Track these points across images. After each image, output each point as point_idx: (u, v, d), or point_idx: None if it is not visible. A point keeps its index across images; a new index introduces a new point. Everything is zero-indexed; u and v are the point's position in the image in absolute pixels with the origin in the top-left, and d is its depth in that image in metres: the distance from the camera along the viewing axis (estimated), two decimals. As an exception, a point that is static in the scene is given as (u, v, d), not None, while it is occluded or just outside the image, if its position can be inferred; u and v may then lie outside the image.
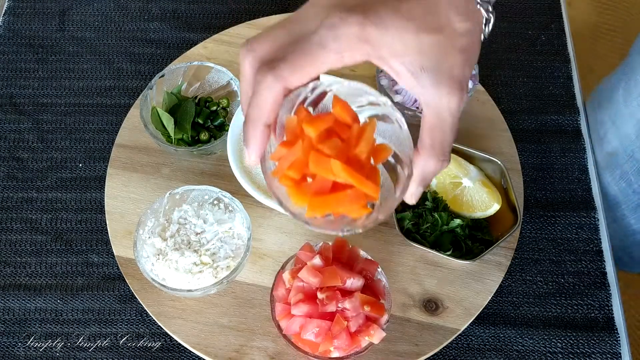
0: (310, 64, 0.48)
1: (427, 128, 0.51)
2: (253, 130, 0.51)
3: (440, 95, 0.49)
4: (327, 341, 0.67)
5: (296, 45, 0.48)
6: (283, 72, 0.48)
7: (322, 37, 0.48)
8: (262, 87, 0.49)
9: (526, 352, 0.79)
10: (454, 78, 0.49)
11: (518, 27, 1.04)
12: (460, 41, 0.50)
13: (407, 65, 0.49)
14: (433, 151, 0.51)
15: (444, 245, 0.79)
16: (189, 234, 0.76)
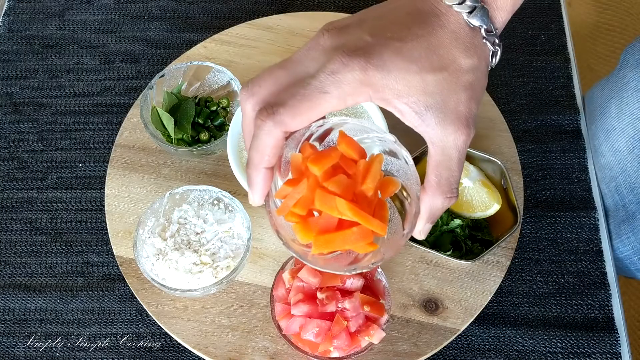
0: (311, 109, 0.48)
1: (433, 166, 0.51)
2: (255, 174, 0.52)
3: (446, 134, 0.50)
4: (326, 341, 0.67)
5: (297, 89, 0.49)
6: (283, 118, 0.48)
7: (323, 83, 0.48)
8: (262, 132, 0.49)
9: (526, 352, 0.79)
10: (460, 115, 0.49)
11: (518, 27, 1.04)
12: (465, 78, 0.50)
13: (411, 105, 0.49)
14: (440, 189, 0.52)
15: (444, 245, 0.79)
16: (189, 233, 0.76)
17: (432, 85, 0.49)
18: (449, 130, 0.50)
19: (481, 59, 0.51)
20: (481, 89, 0.52)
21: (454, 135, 0.50)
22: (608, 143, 0.90)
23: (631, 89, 0.86)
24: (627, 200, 0.90)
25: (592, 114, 0.95)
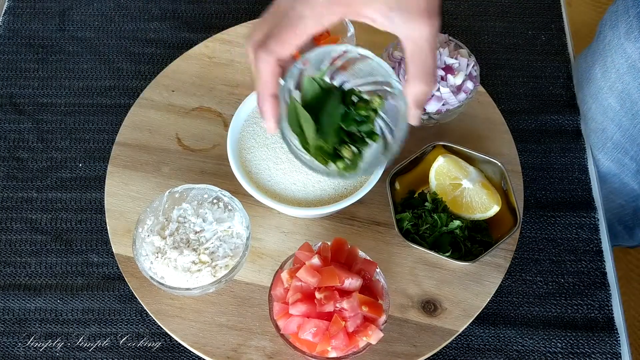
0: (295, 35, 0.57)
1: (409, 58, 0.59)
2: (264, 103, 0.61)
3: (412, 29, 0.57)
4: (324, 341, 0.67)
5: (280, 22, 0.58)
6: (272, 47, 0.58)
7: (298, 10, 0.57)
8: (259, 63, 0.59)
9: (526, 352, 0.79)
10: (421, 9, 0.56)
11: (518, 27, 1.04)
12: None
13: (378, 11, 0.56)
14: (418, 77, 0.59)
15: (443, 246, 0.79)
16: (188, 232, 0.76)
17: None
18: (415, 25, 0.57)
19: None
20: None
21: (419, 28, 0.57)
22: (597, 104, 0.92)
23: (613, 47, 0.88)
24: (634, 152, 0.92)
25: (579, 82, 0.96)
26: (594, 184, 0.90)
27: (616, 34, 0.88)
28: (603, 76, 0.90)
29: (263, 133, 0.83)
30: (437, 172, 0.82)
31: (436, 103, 0.84)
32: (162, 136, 0.90)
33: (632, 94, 0.88)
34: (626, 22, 0.86)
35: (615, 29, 0.88)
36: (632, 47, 0.85)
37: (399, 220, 0.80)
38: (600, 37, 0.92)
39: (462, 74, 0.85)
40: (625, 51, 0.86)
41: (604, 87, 0.91)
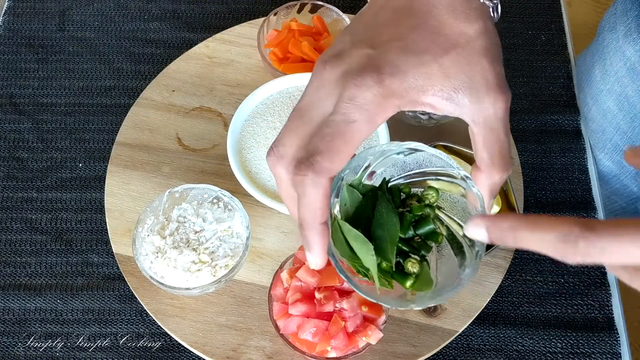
0: (346, 144, 0.46)
1: (481, 143, 0.49)
2: (312, 234, 0.48)
3: (483, 108, 0.47)
4: (324, 341, 0.67)
5: (323, 132, 0.46)
6: (323, 164, 0.46)
7: (346, 114, 0.45)
8: (307, 187, 0.47)
9: (526, 352, 0.79)
10: (489, 83, 0.47)
11: (518, 27, 1.04)
12: (479, 43, 0.48)
13: (439, 94, 0.47)
14: (494, 165, 0.49)
15: (443, 245, 0.79)
16: (188, 232, 0.76)
17: (451, 66, 0.46)
18: (486, 103, 0.47)
19: (486, 20, 0.49)
20: (497, 47, 0.49)
21: (492, 106, 0.47)
22: (597, 106, 0.92)
23: (612, 50, 0.88)
24: None
25: (579, 83, 0.96)
26: (594, 184, 0.90)
27: (614, 36, 0.88)
28: (602, 78, 0.90)
29: (263, 133, 0.83)
30: (437, 172, 0.82)
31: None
32: (162, 136, 0.90)
33: (631, 97, 0.88)
34: (625, 25, 0.85)
35: (614, 31, 0.88)
36: (630, 50, 0.85)
37: (398, 220, 0.80)
38: (599, 39, 0.92)
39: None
40: (624, 54, 0.86)
41: (603, 90, 0.91)
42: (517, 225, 0.41)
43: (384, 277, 0.52)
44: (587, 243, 0.38)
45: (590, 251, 0.38)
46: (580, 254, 0.39)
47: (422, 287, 0.51)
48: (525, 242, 0.41)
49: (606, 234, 0.38)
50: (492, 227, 0.43)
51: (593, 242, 0.38)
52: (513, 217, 0.42)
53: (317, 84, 0.48)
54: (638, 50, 0.84)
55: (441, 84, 0.46)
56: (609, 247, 0.38)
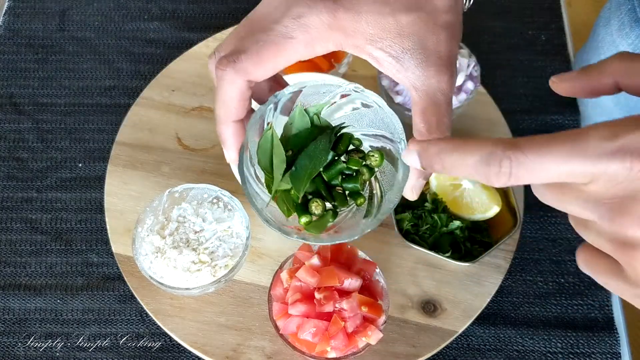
0: (276, 56, 0.45)
1: (419, 112, 0.47)
2: (224, 129, 0.49)
3: (428, 76, 0.46)
4: (324, 341, 0.67)
5: (259, 36, 0.45)
6: (245, 65, 0.45)
7: (288, 28, 0.45)
8: (224, 82, 0.46)
9: (526, 352, 0.79)
10: (441, 56, 0.46)
11: (518, 27, 1.04)
12: (444, 17, 0.46)
13: (387, 49, 0.45)
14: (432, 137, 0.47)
15: (443, 247, 0.79)
16: (188, 232, 0.76)
17: (408, 26, 0.45)
18: (431, 72, 0.46)
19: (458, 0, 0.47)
20: (459, 30, 0.48)
21: (437, 77, 0.46)
22: (594, 103, 0.92)
23: (606, 44, 0.88)
24: None
25: None
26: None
27: (609, 31, 0.87)
28: None
29: (263, 133, 0.83)
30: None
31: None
32: (162, 136, 0.90)
33: None
34: (618, 19, 0.85)
35: (608, 26, 0.88)
36: (624, 43, 0.84)
37: (399, 221, 0.80)
38: (594, 35, 0.92)
39: (463, 75, 0.85)
40: (617, 47, 0.86)
41: None
42: (443, 148, 0.39)
43: (287, 203, 0.52)
44: (510, 162, 0.36)
45: (514, 171, 0.36)
46: (505, 174, 0.36)
47: (312, 229, 0.51)
48: (453, 166, 0.39)
49: (531, 151, 0.35)
50: (422, 153, 0.41)
51: (518, 160, 0.36)
52: (442, 141, 0.40)
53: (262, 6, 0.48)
54: (631, 44, 0.83)
55: (392, 40, 0.45)
56: (535, 166, 0.36)
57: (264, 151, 0.51)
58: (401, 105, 0.85)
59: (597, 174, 0.34)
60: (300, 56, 0.46)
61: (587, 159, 0.34)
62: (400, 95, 0.85)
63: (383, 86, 0.87)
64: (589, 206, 0.37)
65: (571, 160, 0.34)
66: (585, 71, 0.42)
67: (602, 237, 0.37)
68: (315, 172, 0.51)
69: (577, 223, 0.40)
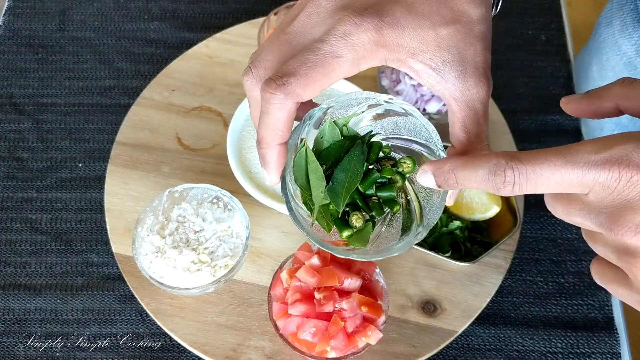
0: (324, 76, 0.46)
1: (459, 123, 0.49)
2: (269, 152, 0.49)
3: (468, 87, 0.47)
4: (323, 341, 0.67)
5: (306, 57, 0.46)
6: (294, 88, 0.45)
7: (335, 47, 0.45)
8: (272, 106, 0.46)
9: (526, 352, 0.79)
10: (478, 66, 0.48)
11: (518, 27, 1.04)
12: (478, 28, 0.48)
13: (427, 62, 0.47)
14: (472, 146, 0.49)
15: (443, 247, 0.79)
16: (188, 232, 0.76)
17: (447, 39, 0.47)
18: (471, 83, 0.47)
19: (488, 8, 0.49)
20: (490, 37, 0.50)
21: (476, 87, 0.47)
22: None
23: (608, 45, 0.87)
24: None
25: (578, 81, 0.96)
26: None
27: (611, 32, 0.87)
28: (599, 74, 0.90)
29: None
30: (437, 172, 0.82)
31: (436, 103, 0.84)
32: (162, 136, 0.90)
33: None
34: (620, 19, 0.85)
35: (610, 27, 0.87)
36: (626, 44, 0.84)
37: (398, 221, 0.80)
38: (596, 35, 0.92)
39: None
40: (620, 48, 0.85)
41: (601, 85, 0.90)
42: (455, 165, 0.43)
43: (326, 218, 0.52)
44: (512, 172, 0.40)
45: (517, 179, 0.40)
46: (509, 183, 0.40)
47: (356, 243, 0.51)
48: (466, 180, 0.43)
49: (529, 161, 0.39)
50: (436, 172, 0.45)
51: (519, 170, 0.39)
52: (452, 159, 0.44)
53: (312, 9, 0.48)
54: (634, 44, 0.83)
55: (432, 53, 0.47)
56: (534, 175, 0.39)
57: (299, 168, 0.50)
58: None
59: (591, 183, 0.38)
60: (346, 74, 0.47)
61: (579, 168, 0.38)
62: (400, 96, 0.85)
63: (383, 86, 0.87)
64: (592, 217, 0.40)
65: (564, 168, 0.38)
66: (588, 95, 0.46)
67: (607, 247, 0.41)
68: (354, 185, 0.51)
69: (587, 235, 0.44)
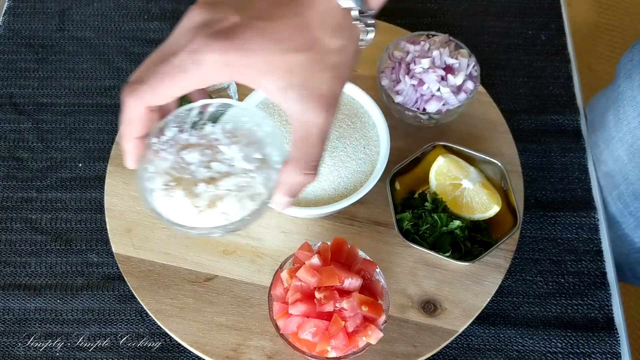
0: (171, 87, 0.50)
1: (294, 141, 0.53)
2: (126, 143, 0.55)
3: (306, 110, 0.51)
4: (324, 341, 0.67)
5: (160, 67, 0.50)
6: (143, 94, 0.51)
7: (184, 62, 0.49)
8: (126, 107, 0.52)
9: (526, 352, 0.79)
10: (322, 94, 0.51)
11: (518, 27, 1.04)
12: (331, 58, 0.51)
13: (275, 82, 0.50)
14: (298, 164, 0.53)
15: (443, 246, 0.79)
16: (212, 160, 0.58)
17: (296, 64, 0.50)
18: (309, 107, 0.51)
19: (350, 40, 0.52)
20: (348, 69, 0.53)
21: (314, 112, 0.51)
22: (609, 152, 0.91)
23: (626, 98, 0.86)
24: (633, 208, 0.90)
25: (593, 123, 0.95)
26: (594, 184, 0.90)
27: (629, 85, 0.86)
28: (615, 126, 0.89)
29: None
30: (437, 172, 0.82)
31: (436, 103, 0.84)
32: (162, 136, 0.90)
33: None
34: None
35: (630, 80, 0.86)
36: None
37: (399, 220, 0.80)
38: (615, 85, 0.90)
39: (462, 74, 0.85)
40: (638, 104, 0.85)
41: (615, 136, 0.89)
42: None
43: None
44: None
45: None
46: None
47: None
48: None
49: None
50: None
51: None
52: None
53: (183, 22, 0.52)
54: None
55: (278, 75, 0.50)
56: None
57: None
58: (401, 105, 0.85)
59: None
60: (195, 86, 0.51)
61: None
62: (400, 95, 0.85)
63: (383, 86, 0.87)
64: None
65: None
66: None
67: None
68: None
69: None
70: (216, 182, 0.57)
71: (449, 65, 0.86)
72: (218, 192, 0.56)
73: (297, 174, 0.54)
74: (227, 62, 0.49)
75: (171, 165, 0.58)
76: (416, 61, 0.86)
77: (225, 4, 0.51)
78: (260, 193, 0.57)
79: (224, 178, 0.57)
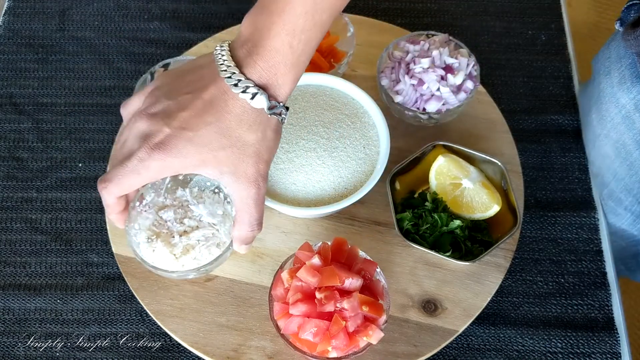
0: (130, 184, 0.64)
1: (237, 210, 0.67)
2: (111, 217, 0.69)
3: (240, 189, 0.66)
4: (325, 341, 0.67)
5: (118, 169, 0.64)
6: (110, 189, 0.64)
7: (136, 167, 0.63)
8: (102, 197, 0.66)
9: (526, 352, 0.79)
10: (249, 175, 0.65)
11: (518, 27, 1.04)
12: (251, 149, 0.64)
13: (211, 171, 0.65)
14: (244, 225, 0.67)
15: (444, 246, 0.79)
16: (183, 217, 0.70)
17: (224, 158, 0.64)
18: (242, 187, 0.65)
19: (266, 130, 0.65)
20: (268, 151, 0.66)
21: (246, 190, 0.65)
22: (595, 150, 0.91)
23: (607, 96, 0.86)
24: (628, 203, 0.90)
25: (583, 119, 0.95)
26: (594, 183, 0.90)
27: (609, 83, 0.86)
28: (599, 123, 0.89)
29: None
30: (437, 172, 0.82)
31: (436, 103, 0.84)
32: (162, 136, 0.90)
33: (627, 144, 0.86)
34: (619, 72, 0.84)
35: (609, 77, 0.86)
36: (625, 98, 0.83)
37: (399, 220, 0.80)
38: (595, 83, 0.90)
39: (462, 74, 0.85)
40: (618, 101, 0.85)
41: (600, 134, 0.89)
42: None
43: None
44: None
45: None
46: None
47: None
48: None
49: None
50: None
51: None
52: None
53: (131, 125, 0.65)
54: (632, 99, 0.82)
55: (212, 166, 0.64)
56: None
57: None
58: (401, 105, 0.85)
59: None
60: (147, 181, 0.65)
61: None
62: (400, 95, 0.85)
63: (382, 86, 0.87)
64: None
65: None
66: None
67: None
68: None
69: None
70: (188, 234, 0.69)
71: (448, 64, 0.86)
72: (190, 242, 0.69)
73: (244, 231, 0.68)
74: (167, 165, 0.63)
75: (152, 223, 0.71)
76: (416, 61, 0.86)
77: (158, 115, 0.63)
78: (224, 241, 0.70)
79: (194, 231, 0.69)
